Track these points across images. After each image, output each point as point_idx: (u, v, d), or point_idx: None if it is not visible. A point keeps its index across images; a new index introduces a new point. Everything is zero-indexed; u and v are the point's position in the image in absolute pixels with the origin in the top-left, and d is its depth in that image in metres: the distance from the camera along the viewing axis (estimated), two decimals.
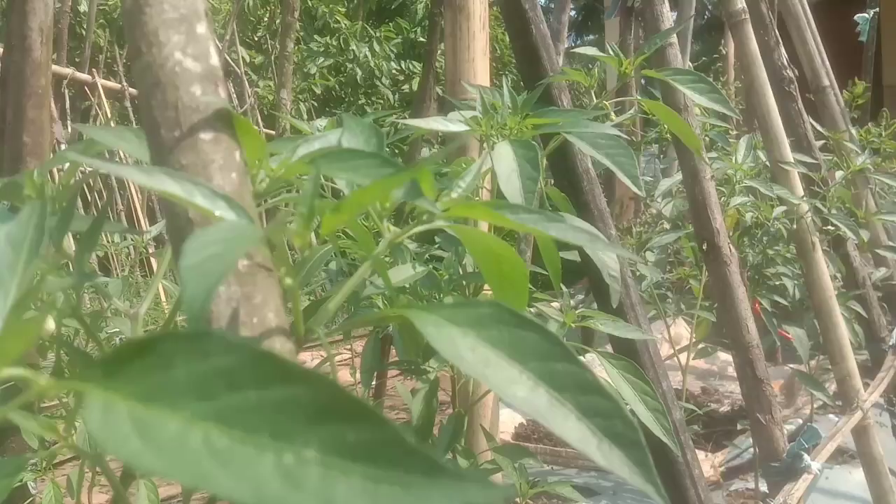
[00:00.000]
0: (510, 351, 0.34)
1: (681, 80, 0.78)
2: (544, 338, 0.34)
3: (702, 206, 1.23)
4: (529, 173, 0.62)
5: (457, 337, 0.34)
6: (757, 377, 1.24)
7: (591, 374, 0.33)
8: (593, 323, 0.81)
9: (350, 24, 10.88)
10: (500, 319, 0.35)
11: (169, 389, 0.23)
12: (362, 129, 0.47)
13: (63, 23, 6.17)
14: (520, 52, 0.95)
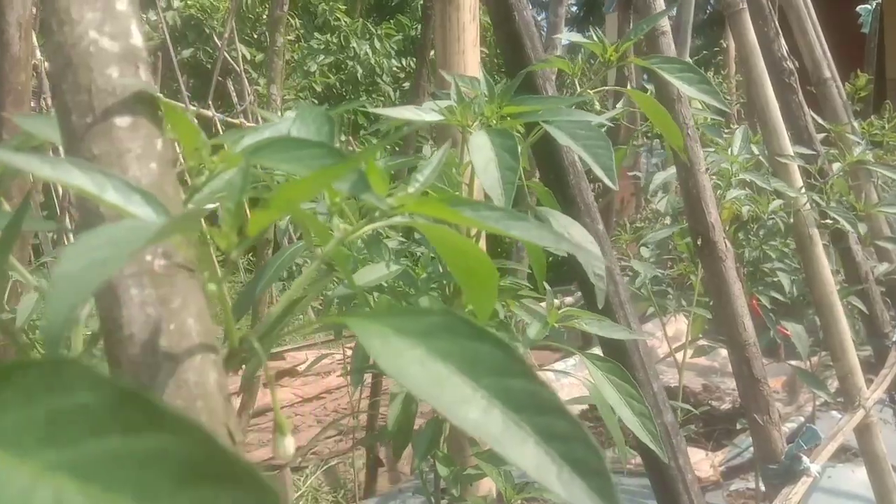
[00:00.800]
0: (463, 365, 0.30)
1: (668, 69, 0.74)
2: (500, 350, 0.30)
3: (696, 200, 1.19)
4: (508, 163, 0.59)
5: (404, 350, 0.30)
6: (754, 376, 1.20)
7: (550, 391, 0.29)
8: (577, 323, 0.77)
9: (350, 22, 10.84)
10: (453, 329, 0.31)
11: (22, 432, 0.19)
12: (315, 118, 0.43)
13: None
14: (503, 40, 0.91)
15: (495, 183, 0.57)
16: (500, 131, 0.61)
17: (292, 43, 10.56)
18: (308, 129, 0.41)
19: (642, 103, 0.77)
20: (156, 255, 0.33)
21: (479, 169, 0.58)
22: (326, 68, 10.43)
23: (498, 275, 0.45)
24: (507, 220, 0.36)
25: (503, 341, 0.30)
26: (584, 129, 0.66)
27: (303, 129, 0.41)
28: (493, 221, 0.36)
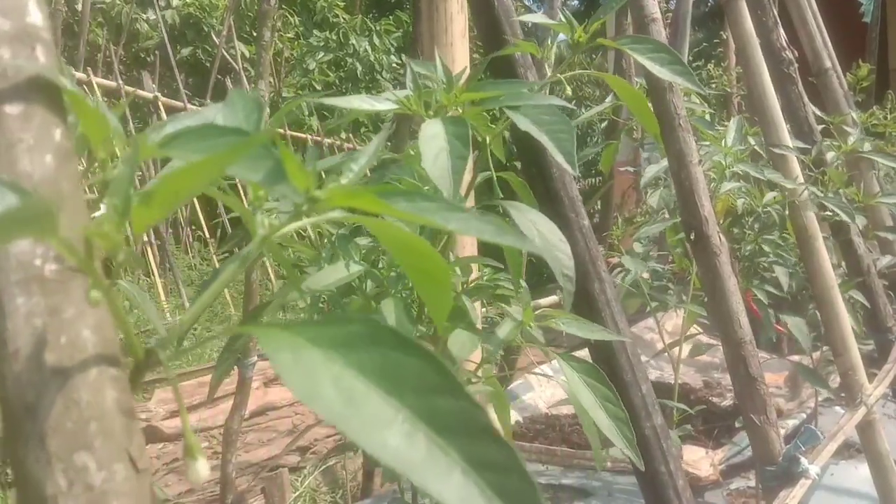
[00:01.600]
0: (385, 381, 0.26)
1: (639, 50, 0.70)
2: (428, 364, 0.26)
3: (689, 193, 1.15)
4: (460, 151, 0.55)
5: (318, 365, 0.26)
6: (750, 375, 1.16)
7: (483, 413, 0.25)
8: (554, 322, 0.73)
9: (349, 18, 10.80)
10: (377, 339, 0.27)
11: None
12: (244, 104, 0.39)
13: (56, 21, 6.11)
14: (482, 28, 0.87)
15: (444, 173, 0.54)
16: (453, 119, 0.58)
17: (291, 40, 10.52)
18: (235, 117, 0.38)
19: (619, 89, 0.74)
20: (46, 259, 0.29)
21: (428, 159, 0.55)
22: (325, 66, 10.39)
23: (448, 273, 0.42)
24: (445, 211, 0.32)
25: (431, 353, 0.26)
26: (548, 113, 0.63)
27: (230, 116, 0.38)
28: (430, 214, 0.32)
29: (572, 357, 0.71)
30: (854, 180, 2.28)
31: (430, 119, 0.62)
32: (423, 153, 0.58)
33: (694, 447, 2.12)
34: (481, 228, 0.32)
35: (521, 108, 0.63)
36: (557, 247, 0.68)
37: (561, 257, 0.68)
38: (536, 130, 0.62)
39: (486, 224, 0.32)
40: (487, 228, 0.32)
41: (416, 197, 0.33)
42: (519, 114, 0.63)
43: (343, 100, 0.65)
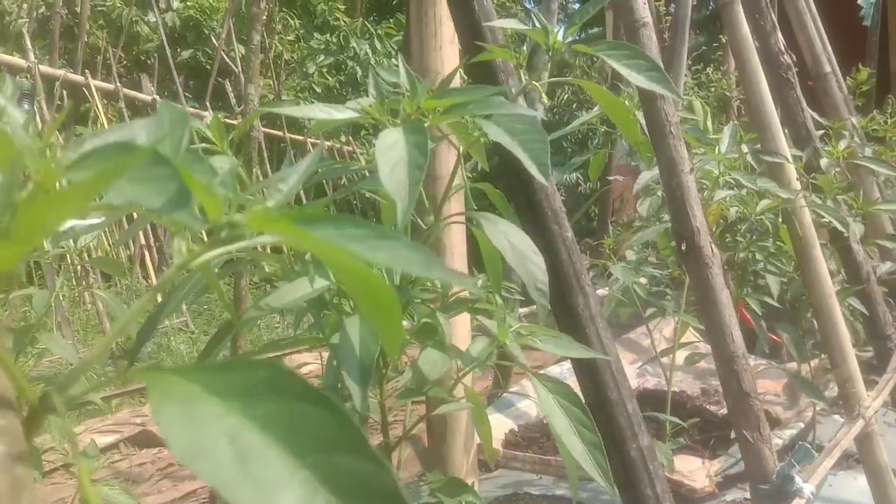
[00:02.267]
0: (286, 436, 0.23)
1: (614, 56, 0.67)
2: (333, 417, 0.23)
3: (680, 202, 1.12)
4: (417, 161, 0.52)
5: (213, 418, 0.23)
6: (743, 390, 1.13)
7: (388, 472, 0.22)
8: (531, 339, 0.70)
9: (350, 22, 10.80)
10: (279, 388, 0.24)
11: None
12: (171, 118, 0.36)
13: (55, 23, 6.10)
14: (462, 32, 0.84)
15: (401, 185, 0.51)
16: (414, 126, 0.55)
17: (291, 43, 10.52)
18: (160, 133, 0.34)
19: (599, 97, 0.70)
20: None
21: (385, 170, 0.52)
22: (326, 69, 10.38)
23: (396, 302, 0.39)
24: (374, 240, 0.29)
25: (338, 406, 0.23)
26: (521, 122, 0.60)
27: (155, 132, 0.34)
28: (355, 242, 0.29)
29: (546, 377, 0.67)
30: (854, 186, 2.24)
31: (389, 127, 0.59)
32: (379, 164, 0.55)
33: (690, 457, 2.08)
34: (410, 259, 0.29)
35: (494, 116, 0.60)
36: (530, 259, 0.65)
37: (534, 270, 0.65)
38: (508, 140, 0.59)
39: (415, 254, 0.29)
40: (417, 259, 0.29)
41: (345, 223, 0.30)
42: (491, 123, 0.60)
43: (299, 109, 0.63)
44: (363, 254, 0.29)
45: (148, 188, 0.28)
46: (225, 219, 0.30)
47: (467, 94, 0.60)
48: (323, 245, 0.30)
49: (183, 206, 0.27)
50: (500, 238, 0.64)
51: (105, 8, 9.85)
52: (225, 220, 0.30)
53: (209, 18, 10.39)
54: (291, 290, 0.65)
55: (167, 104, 0.38)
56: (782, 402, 2.72)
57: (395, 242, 0.29)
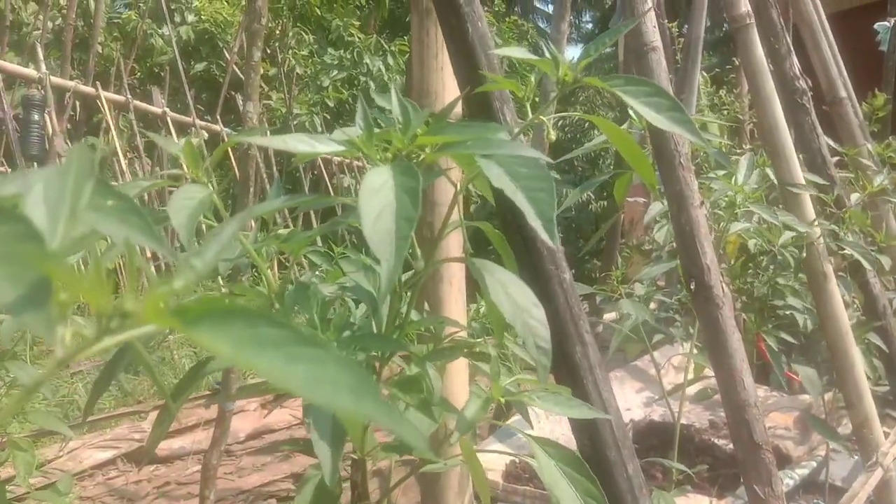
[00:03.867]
0: None
1: (632, 93, 0.60)
2: None
3: (689, 238, 1.05)
4: (407, 212, 0.45)
5: None
6: (754, 442, 1.05)
7: None
8: (528, 396, 0.63)
9: (364, 38, 10.85)
10: None
11: None
12: (78, 169, 0.30)
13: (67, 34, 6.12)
14: (455, 55, 0.78)
15: (387, 237, 0.44)
16: (405, 167, 0.48)
17: (305, 58, 10.57)
18: (59, 188, 0.28)
19: (610, 133, 0.64)
20: None
21: (368, 218, 0.45)
22: (339, 83, 10.41)
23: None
24: (294, 345, 0.23)
25: None
26: (525, 165, 0.53)
27: (53, 187, 0.28)
28: (270, 349, 0.23)
29: (546, 441, 0.60)
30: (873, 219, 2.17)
31: (378, 166, 0.52)
32: (362, 209, 0.47)
33: (697, 496, 2.00)
34: (336, 382, 0.23)
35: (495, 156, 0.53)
36: (530, 312, 0.59)
37: (534, 325, 0.58)
38: (511, 186, 0.52)
39: (345, 375, 0.23)
40: (345, 382, 0.23)
41: (260, 321, 0.24)
42: (492, 163, 0.53)
43: (279, 140, 0.56)
44: (276, 367, 0.23)
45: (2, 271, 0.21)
46: (113, 308, 0.24)
47: (466, 132, 0.53)
48: (226, 351, 0.24)
49: (38, 306, 0.21)
50: (496, 289, 0.57)
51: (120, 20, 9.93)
52: (113, 310, 0.24)
53: (224, 32, 10.46)
54: None
55: (79, 149, 0.31)
56: (794, 437, 2.62)
57: (320, 353, 0.23)
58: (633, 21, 0.97)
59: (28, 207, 0.28)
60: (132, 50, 7.36)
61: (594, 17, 18.56)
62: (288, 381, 0.23)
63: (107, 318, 0.26)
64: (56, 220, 0.28)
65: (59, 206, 0.29)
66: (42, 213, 0.28)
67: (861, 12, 5.38)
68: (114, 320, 0.24)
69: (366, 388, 0.23)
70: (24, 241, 0.23)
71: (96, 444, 3.61)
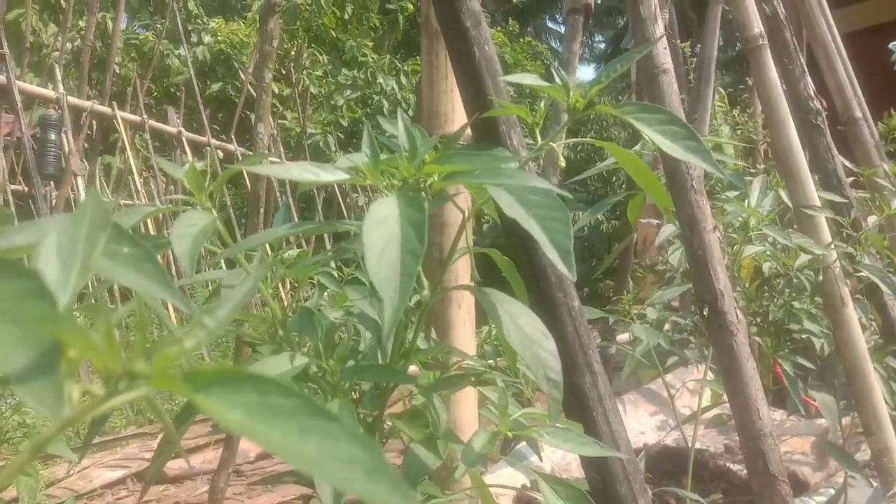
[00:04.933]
0: None
1: (646, 121, 0.58)
2: None
3: (702, 263, 1.03)
4: (413, 246, 0.44)
5: None
6: (770, 473, 1.02)
7: None
8: (536, 432, 0.61)
9: (377, 58, 10.94)
10: None
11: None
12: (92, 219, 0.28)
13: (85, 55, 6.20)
14: (461, 78, 0.77)
15: (391, 274, 0.42)
16: (412, 199, 0.46)
17: (319, 78, 10.65)
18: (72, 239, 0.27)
19: (622, 159, 0.63)
20: None
21: (373, 252, 0.43)
22: (353, 103, 10.48)
23: None
24: (306, 417, 0.21)
25: None
26: (537, 194, 0.52)
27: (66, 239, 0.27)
28: (282, 419, 0.21)
29: (552, 478, 0.59)
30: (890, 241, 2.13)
31: (384, 196, 0.51)
32: (366, 241, 0.46)
33: None
34: (349, 459, 0.21)
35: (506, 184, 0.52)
36: (540, 344, 0.57)
37: (544, 357, 0.56)
38: (524, 215, 0.50)
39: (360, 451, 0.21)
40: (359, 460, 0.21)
41: (272, 389, 0.22)
42: (502, 191, 0.52)
43: (282, 168, 0.56)
44: (288, 440, 0.21)
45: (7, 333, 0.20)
46: (121, 369, 0.23)
47: (475, 160, 0.52)
48: (235, 422, 0.23)
49: (45, 373, 0.20)
50: (505, 320, 0.56)
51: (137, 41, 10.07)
52: (121, 371, 0.23)
53: (239, 53, 10.58)
54: (272, 364, 0.57)
55: (93, 197, 0.30)
56: (811, 462, 2.57)
57: (333, 427, 0.21)
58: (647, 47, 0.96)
59: (41, 260, 0.26)
60: (149, 70, 7.47)
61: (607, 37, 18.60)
62: (300, 458, 0.21)
63: (115, 380, 0.25)
64: (69, 275, 0.26)
65: (71, 259, 0.27)
66: (55, 266, 0.26)
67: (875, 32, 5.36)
68: (122, 382, 0.23)
69: (380, 469, 0.21)
70: (33, 300, 0.21)
71: (106, 464, 3.61)
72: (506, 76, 0.64)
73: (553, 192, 0.50)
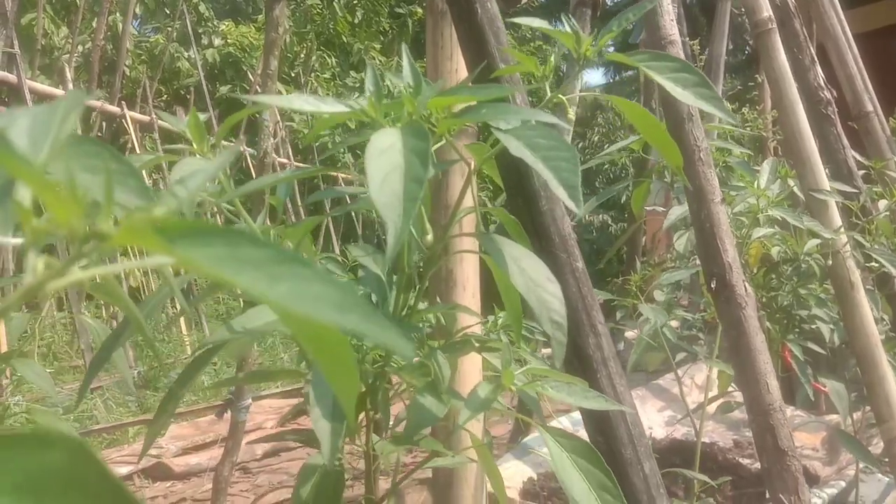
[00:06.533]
0: None
1: (657, 69, 0.57)
2: None
3: (710, 236, 1.01)
4: (416, 173, 0.43)
5: None
6: (779, 448, 1.00)
7: None
8: (542, 386, 0.60)
9: (385, 61, 10.96)
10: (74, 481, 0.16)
11: None
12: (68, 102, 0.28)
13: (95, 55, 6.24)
14: (464, 37, 0.76)
15: (394, 199, 0.41)
16: (414, 129, 0.45)
17: (328, 81, 10.69)
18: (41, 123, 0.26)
19: (630, 113, 0.62)
20: None
21: (375, 180, 0.42)
22: None
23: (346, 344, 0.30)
24: (274, 265, 0.20)
25: None
26: (545, 137, 0.51)
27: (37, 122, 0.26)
28: (251, 269, 0.20)
29: (561, 432, 0.57)
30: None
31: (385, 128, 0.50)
32: (368, 172, 0.45)
33: None
34: (320, 297, 0.20)
35: (512, 129, 0.51)
36: (544, 287, 0.56)
37: (548, 299, 0.55)
38: (531, 156, 0.49)
39: (329, 290, 0.21)
40: (329, 297, 0.20)
41: (241, 241, 0.21)
42: (510, 135, 0.51)
43: (284, 99, 0.55)
44: (257, 285, 0.21)
45: None
46: (86, 229, 0.22)
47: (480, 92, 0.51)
48: (207, 270, 0.22)
49: None
50: (509, 263, 0.54)
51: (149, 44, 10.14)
52: (86, 231, 0.22)
53: (249, 56, 10.63)
54: (256, 314, 0.56)
55: (73, 93, 0.30)
56: (821, 458, 2.54)
57: (303, 271, 0.21)
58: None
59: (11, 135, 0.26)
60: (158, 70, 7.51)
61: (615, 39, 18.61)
62: (269, 296, 0.20)
63: (80, 241, 0.24)
64: (38, 149, 0.26)
65: (42, 138, 0.27)
66: (24, 141, 0.26)
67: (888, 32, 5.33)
68: (87, 243, 0.22)
69: (351, 303, 0.21)
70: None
71: (114, 460, 3.61)
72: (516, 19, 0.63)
73: (559, 134, 0.49)
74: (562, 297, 0.53)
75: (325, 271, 0.22)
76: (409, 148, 0.44)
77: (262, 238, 0.22)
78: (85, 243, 0.23)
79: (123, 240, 0.22)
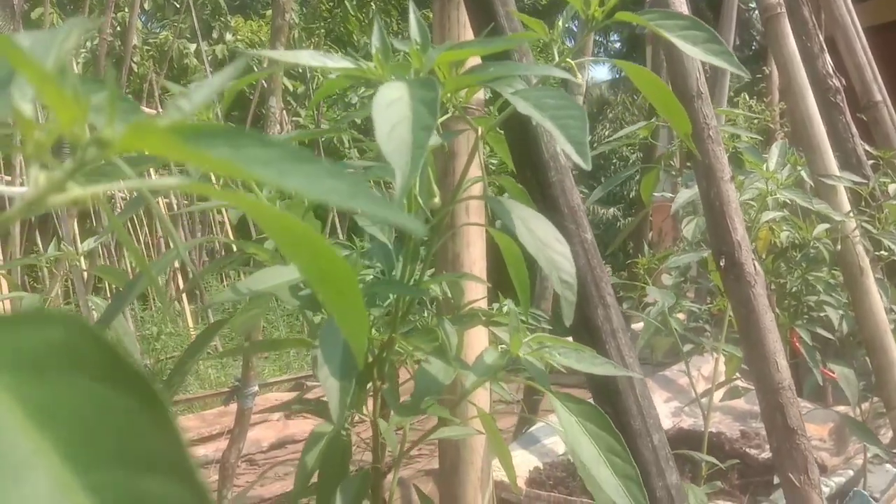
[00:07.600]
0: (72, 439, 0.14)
1: (668, 27, 0.57)
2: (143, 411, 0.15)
3: (719, 214, 1.01)
4: (425, 121, 0.42)
5: None
6: (789, 426, 1.00)
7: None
8: (549, 353, 0.60)
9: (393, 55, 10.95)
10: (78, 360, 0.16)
11: None
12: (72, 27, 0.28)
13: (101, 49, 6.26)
14: (470, 6, 0.76)
15: (403, 146, 0.40)
16: (422, 81, 0.45)
17: None
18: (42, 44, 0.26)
19: (637, 77, 0.61)
20: None
21: (383, 131, 0.42)
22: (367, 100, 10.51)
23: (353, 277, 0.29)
24: (285, 163, 0.20)
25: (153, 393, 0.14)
26: (553, 97, 0.50)
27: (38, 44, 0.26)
28: (259, 166, 0.20)
29: (569, 397, 0.57)
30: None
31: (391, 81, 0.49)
32: (376, 124, 0.45)
33: (726, 503, 1.93)
34: (330, 188, 0.20)
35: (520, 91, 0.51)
36: (553, 247, 0.55)
37: (558, 259, 0.55)
38: (539, 115, 0.49)
39: (338, 182, 0.20)
40: (338, 188, 0.20)
41: (247, 141, 0.21)
42: (517, 96, 0.50)
43: (291, 54, 0.55)
44: (270, 178, 0.20)
45: None
46: (90, 134, 0.22)
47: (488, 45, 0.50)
48: (217, 165, 0.22)
49: None
50: (518, 224, 0.54)
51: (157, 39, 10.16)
52: (89, 137, 0.22)
53: None
54: (271, 273, 0.56)
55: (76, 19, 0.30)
56: (829, 448, 2.53)
57: (312, 167, 0.21)
58: None
59: None
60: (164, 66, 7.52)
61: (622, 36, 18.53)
62: (283, 186, 0.20)
63: (83, 148, 0.23)
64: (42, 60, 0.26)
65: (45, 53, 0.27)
66: None
67: None
68: (90, 149, 0.22)
69: (360, 190, 0.21)
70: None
71: None
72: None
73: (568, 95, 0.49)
74: (570, 257, 0.53)
75: (335, 166, 0.21)
76: (417, 98, 0.44)
77: (273, 139, 0.22)
78: (86, 148, 0.23)
79: (128, 144, 0.22)
